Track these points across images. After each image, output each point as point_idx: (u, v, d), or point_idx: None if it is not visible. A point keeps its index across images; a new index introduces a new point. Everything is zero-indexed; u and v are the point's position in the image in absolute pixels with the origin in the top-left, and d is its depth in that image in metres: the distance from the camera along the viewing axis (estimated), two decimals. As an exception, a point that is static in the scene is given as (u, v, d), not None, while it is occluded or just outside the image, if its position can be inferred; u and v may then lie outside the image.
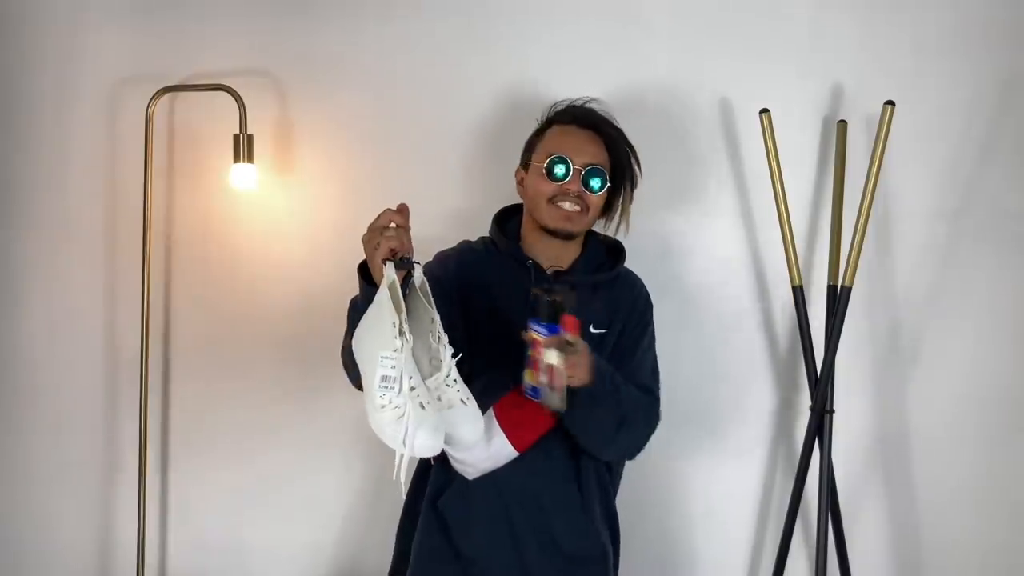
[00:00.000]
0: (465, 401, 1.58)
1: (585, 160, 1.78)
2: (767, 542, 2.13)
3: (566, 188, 1.77)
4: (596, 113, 1.86)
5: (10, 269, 2.45)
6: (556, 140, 1.81)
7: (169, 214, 2.37)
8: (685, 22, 2.16)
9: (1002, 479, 2.07)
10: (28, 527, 2.44)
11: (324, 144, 2.30)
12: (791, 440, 2.13)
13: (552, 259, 1.83)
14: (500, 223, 1.90)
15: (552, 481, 1.76)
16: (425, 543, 1.79)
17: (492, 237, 1.88)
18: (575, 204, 1.77)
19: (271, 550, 2.32)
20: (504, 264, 1.83)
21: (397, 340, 1.48)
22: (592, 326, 1.78)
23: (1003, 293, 2.06)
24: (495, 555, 1.76)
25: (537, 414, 1.70)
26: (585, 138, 1.81)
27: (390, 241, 1.55)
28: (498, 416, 1.71)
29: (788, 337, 2.12)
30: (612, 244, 1.92)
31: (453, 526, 1.77)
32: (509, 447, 1.71)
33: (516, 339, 1.69)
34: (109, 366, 2.41)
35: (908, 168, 2.07)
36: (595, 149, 1.81)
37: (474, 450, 1.70)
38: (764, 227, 2.12)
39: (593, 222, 1.85)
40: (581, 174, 1.77)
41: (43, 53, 2.44)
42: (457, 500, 1.76)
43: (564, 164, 1.77)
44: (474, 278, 1.82)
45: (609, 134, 1.84)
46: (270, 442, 2.32)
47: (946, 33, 2.07)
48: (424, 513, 1.81)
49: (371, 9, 2.27)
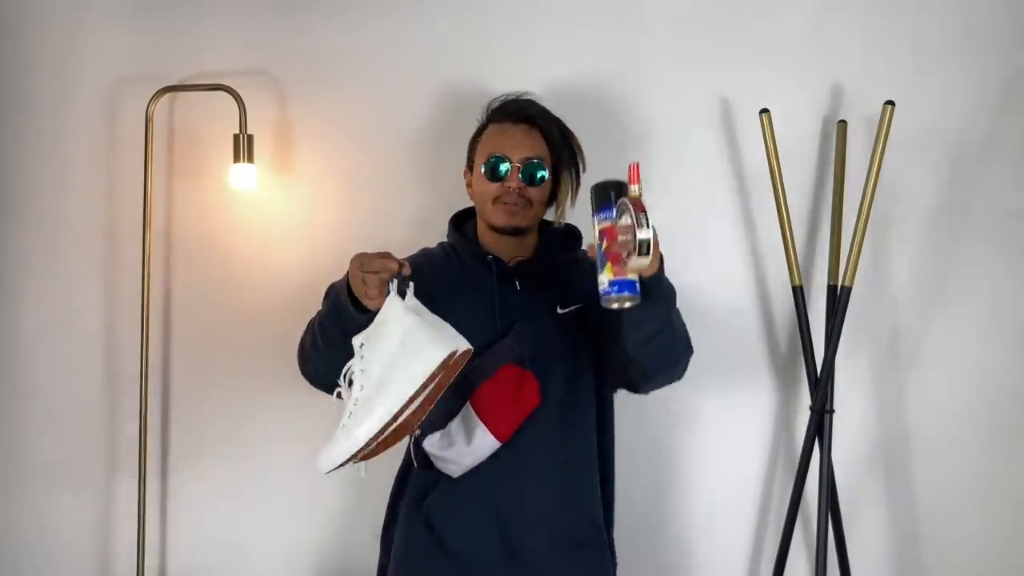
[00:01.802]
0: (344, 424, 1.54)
1: (523, 155, 1.80)
2: (767, 542, 2.13)
3: (507, 186, 1.79)
4: (530, 106, 1.87)
5: (10, 269, 2.45)
6: (493, 139, 1.83)
7: (169, 214, 2.37)
8: (685, 22, 2.16)
9: (1002, 479, 2.07)
10: (28, 527, 2.44)
11: (324, 144, 2.30)
12: (791, 440, 2.13)
13: (511, 253, 1.84)
14: (457, 226, 1.92)
15: (537, 467, 1.75)
16: (410, 543, 1.79)
17: (451, 240, 1.90)
18: (518, 201, 1.79)
19: (271, 550, 2.32)
20: (465, 265, 1.84)
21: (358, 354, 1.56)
22: (559, 306, 1.79)
23: (1003, 293, 2.06)
24: (485, 550, 1.75)
25: (513, 401, 1.71)
26: (521, 132, 1.82)
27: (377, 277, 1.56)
28: (476, 409, 1.71)
29: (788, 337, 2.12)
30: (569, 229, 1.93)
31: (440, 526, 1.76)
32: (491, 438, 1.71)
33: (485, 336, 1.73)
34: (109, 365, 2.40)
35: (908, 168, 2.07)
36: (532, 142, 1.82)
37: (456, 445, 1.71)
38: (764, 227, 2.12)
39: (541, 214, 1.86)
40: (520, 170, 1.79)
41: (43, 53, 2.44)
42: (443, 501, 1.76)
43: (503, 162, 1.79)
44: (438, 281, 1.81)
45: (545, 125, 1.84)
46: (270, 442, 2.32)
47: (946, 33, 2.07)
48: (407, 514, 1.80)
49: (371, 9, 2.28)
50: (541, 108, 1.87)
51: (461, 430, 1.72)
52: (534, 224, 1.86)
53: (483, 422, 1.71)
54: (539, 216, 1.86)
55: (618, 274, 1.47)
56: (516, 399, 1.71)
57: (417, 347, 1.53)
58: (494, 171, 1.79)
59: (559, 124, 1.88)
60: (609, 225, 1.49)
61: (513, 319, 1.77)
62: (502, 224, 1.81)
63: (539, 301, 1.80)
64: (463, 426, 1.72)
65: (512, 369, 1.72)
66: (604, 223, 1.49)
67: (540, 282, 1.82)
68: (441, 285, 1.81)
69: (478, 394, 1.72)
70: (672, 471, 2.16)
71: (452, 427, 1.73)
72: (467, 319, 1.75)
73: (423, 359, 1.52)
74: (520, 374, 1.72)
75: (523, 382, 1.72)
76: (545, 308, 1.79)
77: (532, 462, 1.75)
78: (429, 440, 1.73)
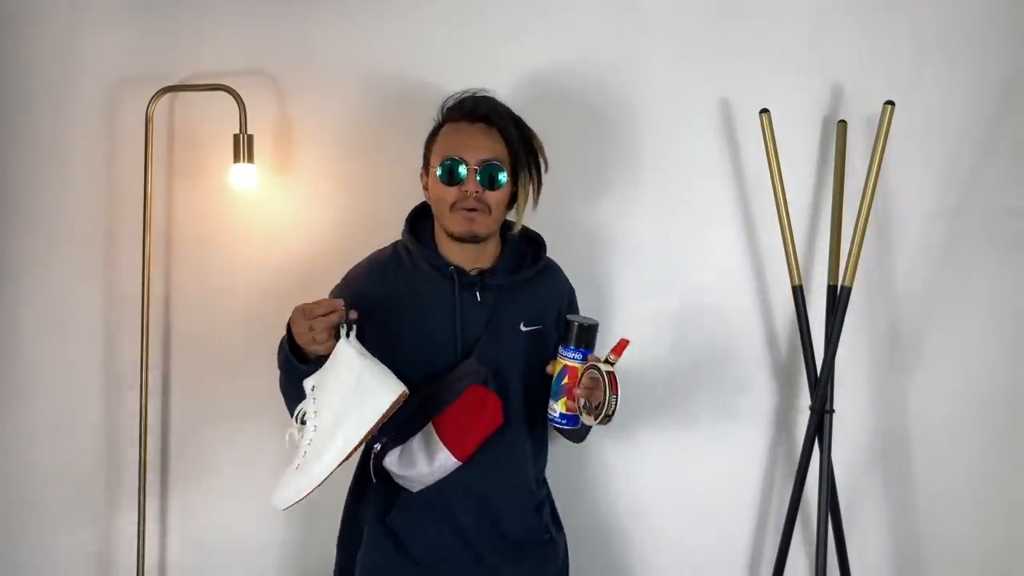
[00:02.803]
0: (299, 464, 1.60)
1: (480, 156, 1.72)
2: (767, 542, 2.13)
3: (465, 190, 1.71)
4: (487, 103, 1.78)
5: (10, 269, 2.45)
6: (449, 140, 1.75)
7: (169, 214, 2.36)
8: (685, 22, 2.16)
9: (1001, 479, 2.07)
10: (28, 527, 2.44)
11: (324, 144, 2.30)
12: (791, 440, 2.13)
13: (471, 261, 1.78)
14: (413, 227, 1.84)
15: (495, 475, 1.76)
16: (375, 558, 1.78)
17: (407, 243, 1.82)
18: (476, 206, 1.71)
19: (271, 550, 2.32)
20: (423, 271, 1.77)
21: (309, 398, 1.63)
22: (523, 324, 1.77)
23: (1003, 292, 2.06)
24: (450, 556, 1.76)
25: (477, 422, 1.70)
26: (477, 132, 1.74)
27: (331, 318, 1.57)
28: (439, 431, 1.70)
29: (788, 337, 2.12)
30: (531, 236, 1.88)
31: (406, 540, 1.76)
32: (452, 459, 1.70)
33: (447, 352, 1.71)
34: (109, 366, 2.40)
35: (908, 168, 2.07)
36: (489, 142, 1.74)
37: (417, 466, 1.71)
38: (764, 227, 2.12)
39: (501, 219, 1.78)
40: (477, 172, 1.71)
41: (43, 53, 2.44)
42: (407, 515, 1.76)
43: (459, 164, 1.71)
44: (393, 291, 1.77)
45: (502, 124, 1.76)
46: (270, 441, 2.32)
47: (946, 33, 2.07)
48: (372, 528, 1.79)
49: (371, 9, 2.27)
50: (498, 105, 1.79)
51: (422, 450, 1.70)
52: (494, 230, 1.78)
53: (445, 444, 1.70)
54: (499, 221, 1.78)
55: (571, 410, 1.69)
56: (479, 419, 1.70)
57: (368, 390, 1.58)
58: (451, 174, 1.71)
59: (517, 122, 1.79)
60: (575, 366, 1.68)
61: (475, 334, 1.74)
62: (460, 232, 1.73)
63: (502, 316, 1.76)
64: (424, 446, 1.70)
65: (477, 390, 1.70)
66: (571, 361, 1.68)
67: (504, 295, 1.77)
68: (395, 297, 1.75)
69: (442, 416, 1.70)
70: (672, 471, 2.16)
71: (413, 445, 1.71)
72: (428, 334, 1.74)
73: (374, 402, 1.58)
74: (484, 395, 1.70)
75: (486, 402, 1.70)
76: (508, 324, 1.76)
77: (490, 480, 1.75)
78: (389, 458, 1.72)
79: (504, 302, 1.77)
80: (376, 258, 1.85)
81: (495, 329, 1.74)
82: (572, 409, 1.68)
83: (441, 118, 1.82)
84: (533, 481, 1.83)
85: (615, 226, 2.16)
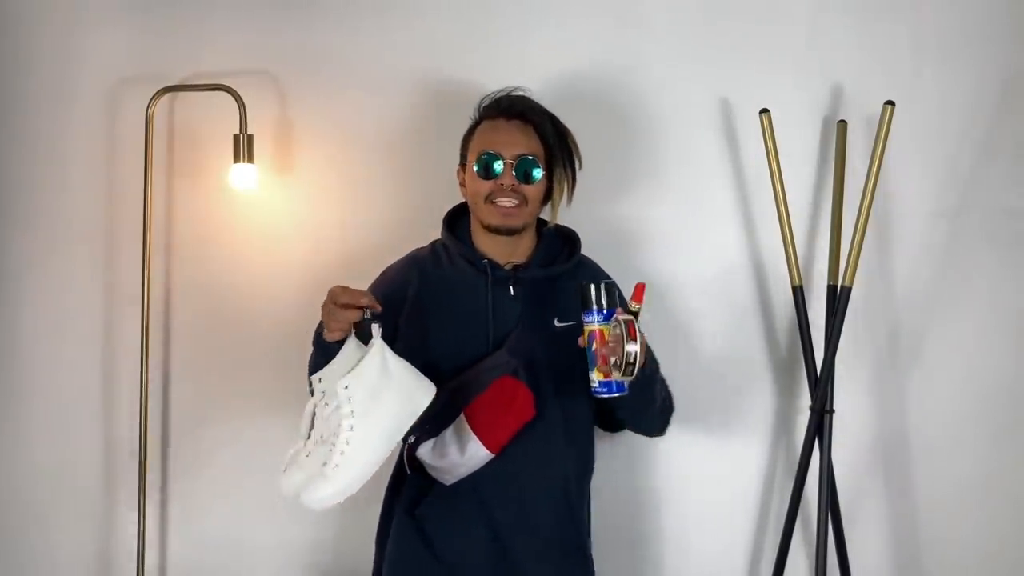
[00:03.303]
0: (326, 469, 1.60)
1: (516, 152, 1.76)
2: (767, 542, 2.13)
3: (501, 183, 1.75)
4: (523, 101, 1.83)
5: (10, 269, 2.45)
6: (486, 136, 1.80)
7: (169, 214, 2.36)
8: (684, 22, 2.16)
9: (1002, 479, 2.07)
10: (28, 527, 2.44)
11: (324, 144, 2.30)
12: (791, 440, 2.13)
13: (506, 255, 1.81)
14: (450, 224, 1.88)
15: (530, 480, 1.76)
16: (402, 549, 1.79)
17: (444, 240, 1.86)
18: (512, 198, 1.75)
19: (271, 550, 2.32)
20: (459, 267, 1.81)
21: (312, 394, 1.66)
22: (557, 320, 1.78)
23: (1003, 292, 2.06)
24: (477, 559, 1.75)
25: (507, 414, 1.70)
26: (514, 128, 1.79)
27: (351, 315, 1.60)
28: (470, 421, 1.70)
29: (788, 337, 2.12)
30: (566, 233, 1.90)
31: (432, 534, 1.76)
32: (483, 450, 1.70)
33: (478, 345, 1.72)
34: (109, 366, 2.40)
35: (908, 168, 2.07)
36: (525, 138, 1.79)
37: (449, 456, 1.70)
38: (764, 227, 2.12)
39: (536, 213, 1.82)
40: (514, 167, 1.75)
41: (43, 53, 2.44)
42: (436, 509, 1.76)
43: (496, 159, 1.76)
44: (429, 285, 1.81)
45: (538, 121, 1.81)
46: (270, 442, 2.31)
47: (946, 33, 2.07)
48: (399, 521, 1.80)
49: (371, 8, 2.27)
50: (535, 104, 1.84)
51: (454, 441, 1.71)
52: (529, 223, 1.82)
53: (475, 434, 1.70)
54: (534, 215, 1.82)
55: (607, 376, 1.57)
56: (510, 412, 1.70)
57: (406, 393, 1.60)
58: (487, 168, 1.76)
59: (553, 120, 1.84)
60: (597, 328, 1.58)
61: (507, 328, 1.76)
62: (496, 224, 1.77)
63: (535, 311, 1.77)
64: (456, 437, 1.71)
65: (507, 381, 1.70)
66: (592, 325, 1.58)
67: (537, 290, 1.79)
68: (430, 291, 1.80)
69: (472, 406, 1.70)
70: (672, 471, 2.16)
71: (446, 437, 1.71)
72: (460, 327, 1.76)
73: (412, 403, 1.61)
74: (515, 386, 1.70)
75: (517, 395, 1.70)
76: (541, 319, 1.77)
77: (525, 475, 1.75)
78: (423, 448, 1.73)
79: (537, 297, 1.78)
80: (414, 254, 1.90)
81: (527, 323, 1.76)
82: (608, 374, 1.58)
83: (478, 116, 1.86)
84: (572, 481, 1.80)
85: (615, 226, 2.16)
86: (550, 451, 1.76)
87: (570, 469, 1.80)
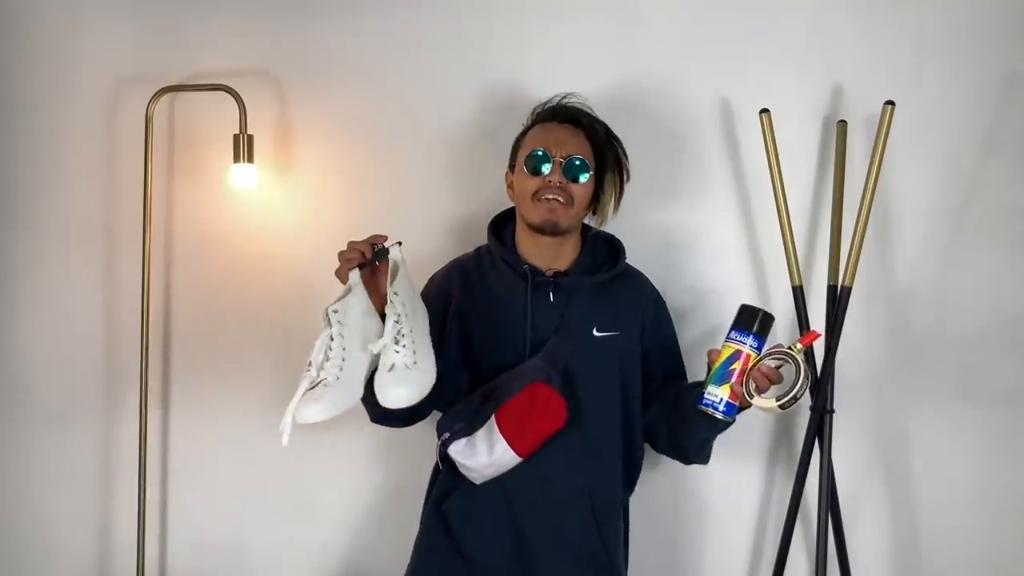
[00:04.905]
0: (409, 366, 1.61)
1: (565, 151, 1.78)
2: (767, 542, 2.13)
3: (548, 180, 1.77)
4: (575, 107, 1.87)
5: (10, 269, 2.45)
6: (537, 136, 1.83)
7: (169, 214, 2.36)
8: (684, 21, 2.16)
9: (1002, 479, 2.06)
10: (28, 527, 2.44)
11: (324, 143, 2.30)
12: (791, 440, 2.13)
13: (549, 260, 1.82)
14: (496, 231, 1.90)
15: (558, 488, 1.76)
16: (427, 541, 1.81)
17: (489, 245, 1.88)
18: (559, 196, 1.77)
19: (271, 550, 2.32)
20: (500, 271, 1.82)
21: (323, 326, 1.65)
22: (596, 328, 1.78)
23: (1004, 291, 2.06)
24: (500, 560, 1.76)
25: (538, 419, 1.70)
26: (565, 132, 1.82)
27: (351, 255, 1.66)
28: (499, 423, 1.71)
29: (788, 337, 2.12)
30: (611, 241, 1.91)
31: (456, 529, 1.77)
32: (511, 453, 1.71)
33: (515, 348, 1.74)
34: (109, 366, 2.40)
35: (908, 168, 2.07)
36: (576, 141, 1.81)
37: (478, 455, 1.71)
38: (764, 227, 2.12)
39: (582, 215, 1.84)
40: (562, 165, 1.77)
41: (43, 53, 2.44)
42: (462, 504, 1.78)
43: (544, 157, 1.78)
44: (470, 289, 1.83)
45: (589, 126, 1.84)
46: (270, 441, 2.30)
47: (946, 33, 2.07)
48: (428, 512, 1.82)
49: (370, 8, 2.27)
50: (587, 110, 1.88)
51: (485, 441, 1.72)
52: (574, 226, 1.83)
53: (504, 437, 1.70)
54: (580, 218, 1.84)
55: (732, 399, 1.65)
56: (541, 418, 1.70)
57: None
58: (536, 166, 1.78)
59: (605, 128, 1.87)
60: (746, 351, 1.65)
61: (545, 334, 1.76)
62: (541, 220, 1.78)
63: (575, 318, 1.78)
64: (487, 438, 1.72)
65: (539, 387, 1.71)
66: (742, 346, 1.65)
67: (578, 297, 1.80)
68: (471, 295, 1.83)
69: (503, 409, 1.71)
70: (672, 471, 2.15)
71: (477, 437, 1.73)
72: (498, 331, 1.78)
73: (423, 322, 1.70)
74: (547, 393, 1.71)
75: (550, 401, 1.71)
76: (580, 327, 1.78)
77: (553, 482, 1.76)
78: (455, 447, 1.74)
79: (577, 304, 1.79)
80: (458, 260, 1.93)
81: (565, 330, 1.76)
82: (736, 397, 1.64)
83: (531, 120, 1.89)
84: (600, 492, 1.80)
85: (614, 226, 2.15)
86: (579, 460, 1.77)
87: (598, 480, 1.80)
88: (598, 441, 1.79)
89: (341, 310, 1.63)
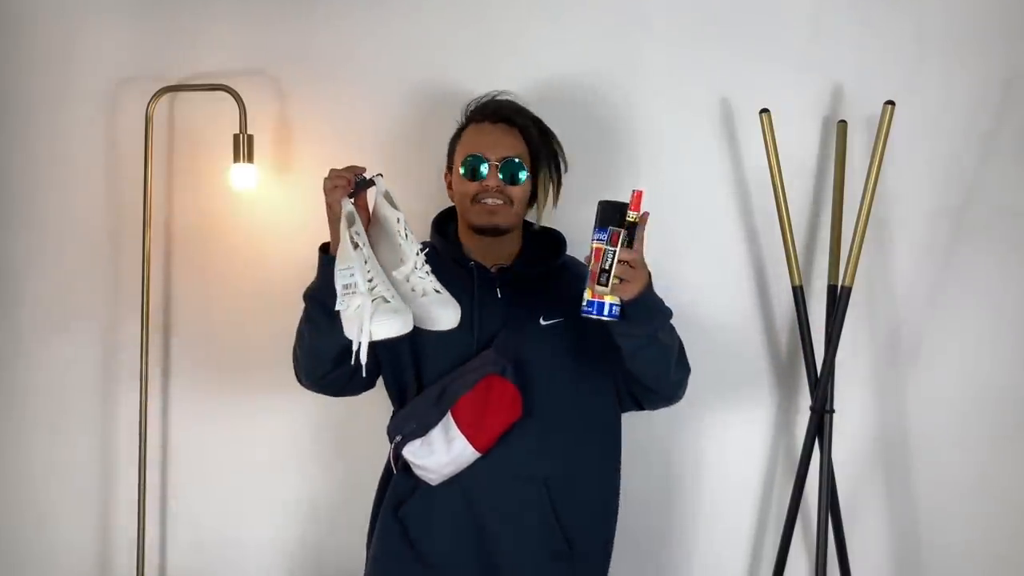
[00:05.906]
0: (439, 290, 1.62)
1: (501, 154, 1.79)
2: (767, 542, 2.13)
3: (486, 185, 1.78)
4: (509, 105, 1.87)
5: (10, 269, 2.45)
6: (472, 139, 1.83)
7: (169, 214, 2.36)
8: (685, 21, 2.16)
9: (1002, 479, 2.06)
10: (28, 527, 2.44)
11: (324, 143, 2.30)
12: (791, 440, 2.13)
13: (493, 258, 1.83)
14: (439, 227, 1.90)
15: (517, 480, 1.75)
16: (384, 549, 1.79)
17: (432, 243, 1.88)
18: (497, 199, 1.78)
19: (271, 549, 2.32)
20: (446, 268, 1.79)
21: (353, 252, 1.60)
22: (542, 318, 1.78)
23: (1004, 292, 2.06)
24: (462, 562, 1.75)
25: (494, 412, 1.70)
26: (500, 132, 1.82)
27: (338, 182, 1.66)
28: (456, 419, 1.71)
29: (788, 337, 2.12)
30: (552, 234, 1.92)
31: (416, 535, 1.76)
32: (470, 449, 1.71)
33: (464, 345, 1.74)
34: (109, 366, 2.40)
35: (908, 168, 2.06)
36: (511, 141, 1.82)
37: (436, 454, 1.71)
38: (764, 227, 2.12)
39: (521, 214, 1.85)
40: (499, 168, 1.78)
41: (43, 53, 2.44)
42: (419, 510, 1.76)
43: (481, 162, 1.78)
44: None
45: (523, 125, 1.84)
46: (270, 441, 2.32)
47: (946, 33, 2.06)
48: (383, 520, 1.80)
49: (371, 9, 2.27)
50: (519, 107, 1.87)
51: (441, 439, 1.71)
52: (515, 224, 1.84)
53: (462, 433, 1.70)
54: (520, 216, 1.85)
55: (592, 296, 1.54)
56: (497, 411, 1.70)
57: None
58: (473, 170, 1.79)
59: (538, 123, 1.87)
60: (595, 245, 1.54)
61: (493, 329, 1.76)
62: (482, 224, 1.79)
63: (521, 311, 1.78)
64: (443, 435, 1.71)
65: (494, 380, 1.71)
66: (596, 243, 1.55)
67: (523, 290, 1.80)
68: None
69: (459, 405, 1.71)
70: (672, 471, 2.16)
71: (433, 435, 1.72)
72: None
73: None
74: (501, 385, 1.71)
75: (504, 394, 1.71)
76: (527, 319, 1.78)
77: (512, 474, 1.75)
78: (409, 447, 1.73)
79: (522, 297, 1.80)
80: None
81: (513, 323, 1.77)
82: (595, 294, 1.53)
83: (464, 120, 1.89)
84: (560, 480, 1.77)
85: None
86: (537, 450, 1.76)
87: (558, 469, 1.78)
88: (553, 429, 1.77)
89: (361, 234, 1.62)
